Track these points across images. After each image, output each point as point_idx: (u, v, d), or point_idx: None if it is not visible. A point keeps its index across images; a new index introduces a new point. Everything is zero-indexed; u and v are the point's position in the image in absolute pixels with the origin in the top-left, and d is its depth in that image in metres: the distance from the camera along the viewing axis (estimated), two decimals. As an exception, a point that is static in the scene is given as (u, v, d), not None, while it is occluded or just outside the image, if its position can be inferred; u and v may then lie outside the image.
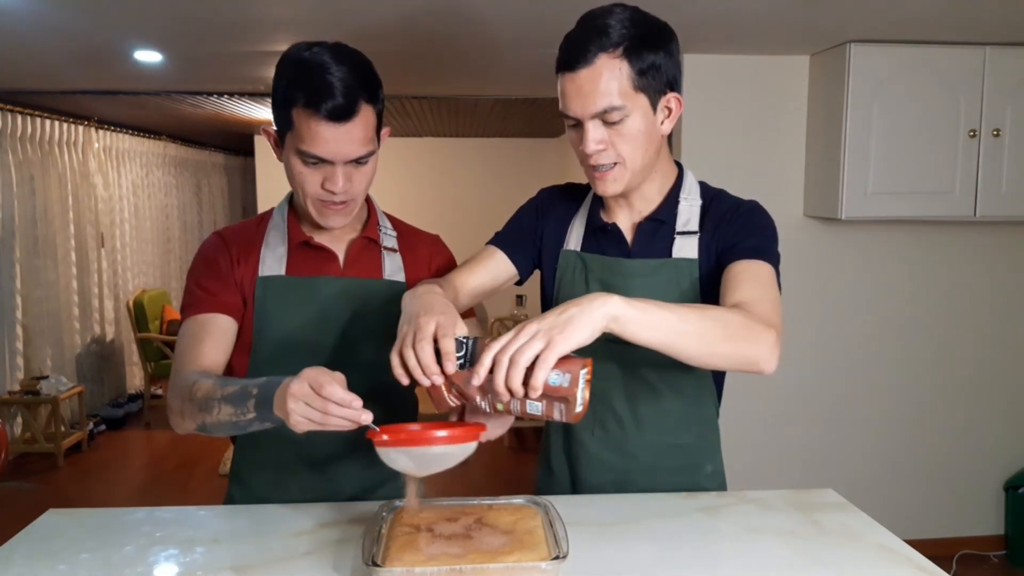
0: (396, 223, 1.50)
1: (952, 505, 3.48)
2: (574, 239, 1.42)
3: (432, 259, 1.49)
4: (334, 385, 0.99)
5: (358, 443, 1.40)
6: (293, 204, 1.43)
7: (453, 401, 1.07)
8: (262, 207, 6.99)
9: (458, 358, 1.03)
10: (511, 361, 0.97)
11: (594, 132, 1.23)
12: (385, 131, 1.34)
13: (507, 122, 6.25)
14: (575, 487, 1.46)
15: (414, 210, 7.26)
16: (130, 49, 3.12)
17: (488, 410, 1.05)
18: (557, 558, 1.03)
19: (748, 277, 1.23)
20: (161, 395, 6.05)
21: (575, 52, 1.20)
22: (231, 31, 2.79)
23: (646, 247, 1.35)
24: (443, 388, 1.05)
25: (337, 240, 1.41)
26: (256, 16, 2.58)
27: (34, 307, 4.96)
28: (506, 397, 0.99)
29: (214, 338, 1.32)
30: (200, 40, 2.96)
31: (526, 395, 0.98)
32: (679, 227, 1.34)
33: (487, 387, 1.00)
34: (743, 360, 1.12)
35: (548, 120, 6.08)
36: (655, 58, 1.21)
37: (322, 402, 0.99)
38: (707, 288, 1.32)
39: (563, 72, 1.22)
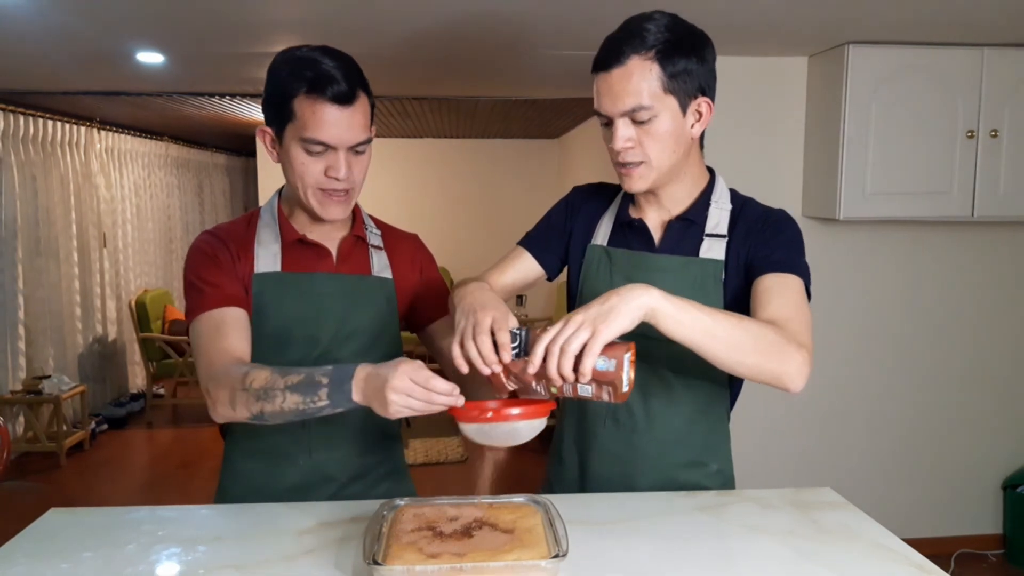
0: (378, 223, 1.55)
1: (950, 504, 3.48)
2: (601, 234, 1.45)
3: (415, 256, 1.55)
4: (438, 378, 1.10)
5: (350, 431, 1.43)
6: (282, 203, 1.45)
7: (511, 386, 1.16)
8: (263, 207, 6.97)
9: (513, 348, 1.13)
10: (561, 350, 1.06)
11: (623, 130, 1.27)
12: (372, 128, 1.38)
13: (507, 123, 6.25)
14: (583, 478, 1.48)
15: (414, 211, 7.29)
16: (132, 50, 3.13)
17: (544, 393, 1.14)
18: (557, 556, 1.04)
19: (780, 292, 1.26)
20: (163, 395, 6.06)
21: (610, 53, 1.25)
22: (233, 32, 2.79)
23: (674, 245, 1.38)
24: (502, 375, 1.14)
25: (329, 238, 1.44)
26: (258, 17, 2.58)
27: (36, 307, 4.97)
28: (559, 382, 1.09)
29: (236, 330, 1.33)
30: (202, 41, 2.96)
31: (576, 379, 1.07)
32: (708, 229, 1.37)
33: (542, 373, 1.10)
34: (770, 375, 1.16)
35: (548, 121, 6.08)
36: (687, 63, 1.25)
37: (426, 393, 1.09)
38: (730, 292, 1.35)
39: (598, 71, 1.28)
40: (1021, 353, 3.43)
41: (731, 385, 1.45)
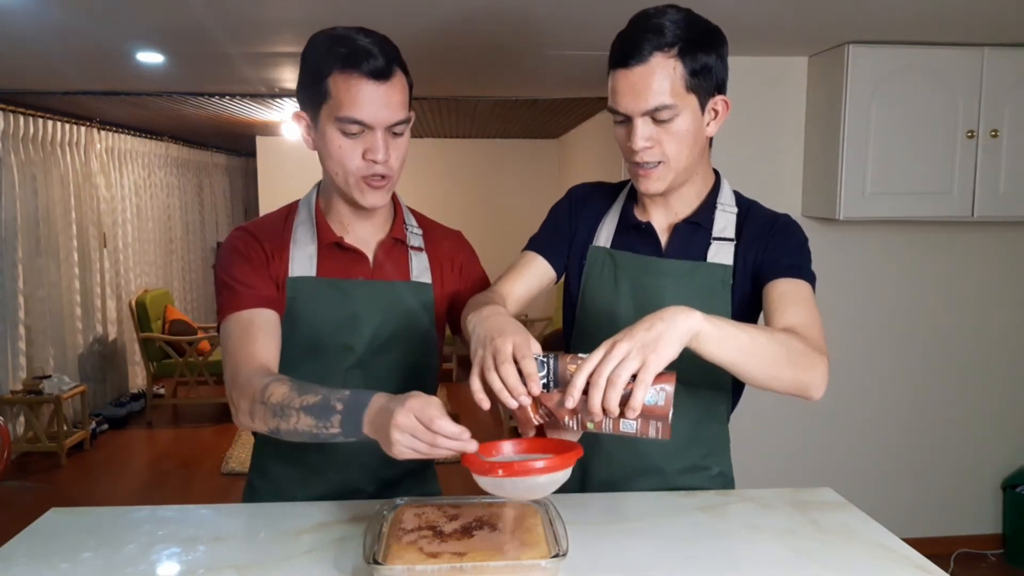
0: (421, 220, 1.49)
1: (950, 504, 3.48)
2: (604, 236, 1.41)
3: (455, 256, 1.47)
4: (445, 419, 0.99)
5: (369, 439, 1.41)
6: (320, 198, 1.40)
7: (538, 420, 1.06)
8: (263, 208, 6.98)
9: (540, 378, 1.03)
10: (609, 381, 0.98)
11: (643, 129, 1.23)
12: (411, 112, 1.33)
13: (507, 123, 6.25)
14: (584, 482, 1.46)
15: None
16: (132, 50, 3.13)
17: (576, 429, 1.05)
18: (557, 556, 1.04)
19: (795, 299, 1.25)
20: (163, 395, 6.06)
21: (630, 49, 1.21)
22: (233, 32, 2.79)
23: (681, 249, 1.36)
24: (529, 409, 1.04)
25: (367, 241, 1.40)
26: (258, 17, 2.58)
27: (37, 307, 4.97)
28: (599, 417, 1.00)
29: (265, 334, 1.28)
30: (202, 41, 2.96)
31: (621, 415, 0.99)
32: (716, 232, 1.35)
33: (579, 407, 1.00)
34: (799, 386, 1.14)
35: (548, 121, 6.08)
36: (708, 60, 1.22)
37: (431, 436, 0.99)
38: (738, 297, 1.33)
39: (616, 69, 1.23)
40: (1021, 353, 3.43)
41: (733, 389, 1.44)
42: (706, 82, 1.23)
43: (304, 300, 1.35)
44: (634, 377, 0.99)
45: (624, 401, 0.98)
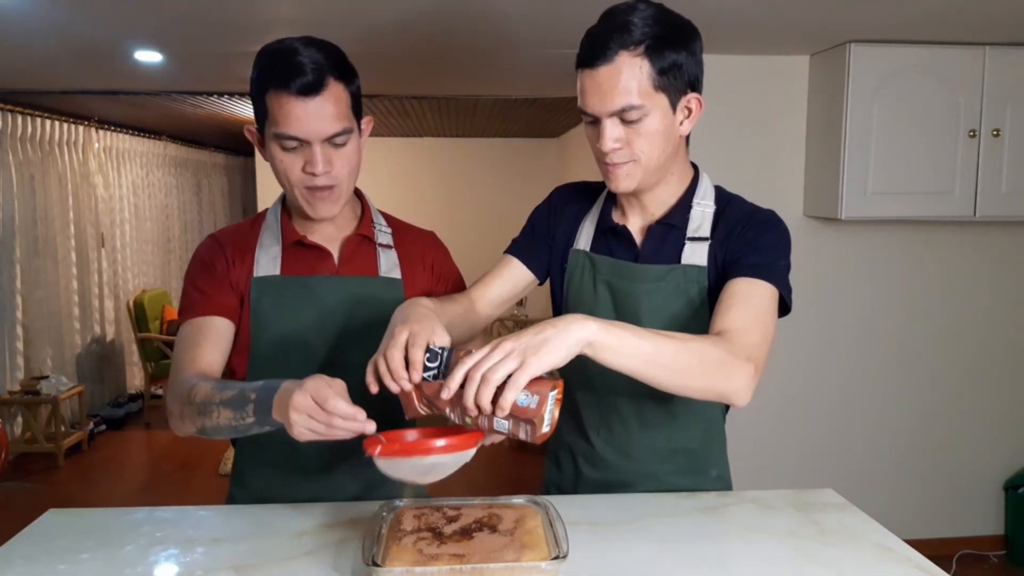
0: (390, 220, 1.50)
1: (952, 505, 3.48)
2: (584, 239, 1.40)
3: (426, 254, 1.48)
4: (338, 399, 1.00)
5: (360, 443, 1.40)
6: (286, 204, 1.42)
7: (423, 410, 1.07)
8: (262, 207, 6.97)
9: (431, 368, 1.04)
10: (483, 378, 0.98)
11: (611, 130, 1.21)
12: (368, 119, 1.34)
13: (507, 122, 6.25)
14: (578, 485, 1.46)
15: (414, 211, 7.25)
16: (130, 49, 3.13)
17: (458, 422, 1.06)
18: (557, 558, 1.03)
19: (743, 300, 1.21)
20: (161, 395, 6.06)
21: (596, 49, 1.18)
22: (231, 31, 2.79)
23: (655, 252, 1.33)
24: (413, 396, 1.06)
25: (331, 239, 1.40)
26: (256, 16, 2.58)
27: (34, 307, 4.96)
28: (474, 413, 1.01)
29: (211, 341, 1.32)
30: (200, 40, 2.96)
31: (493, 413, 0.99)
32: (690, 232, 1.32)
33: (456, 401, 1.02)
34: (716, 394, 1.13)
35: (549, 120, 6.08)
36: (677, 57, 1.19)
37: (326, 416, 1.00)
38: (715, 297, 1.29)
39: (583, 68, 1.21)
40: (1023, 353, 3.43)
41: None
42: (676, 80, 1.20)
43: (269, 299, 1.36)
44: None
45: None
